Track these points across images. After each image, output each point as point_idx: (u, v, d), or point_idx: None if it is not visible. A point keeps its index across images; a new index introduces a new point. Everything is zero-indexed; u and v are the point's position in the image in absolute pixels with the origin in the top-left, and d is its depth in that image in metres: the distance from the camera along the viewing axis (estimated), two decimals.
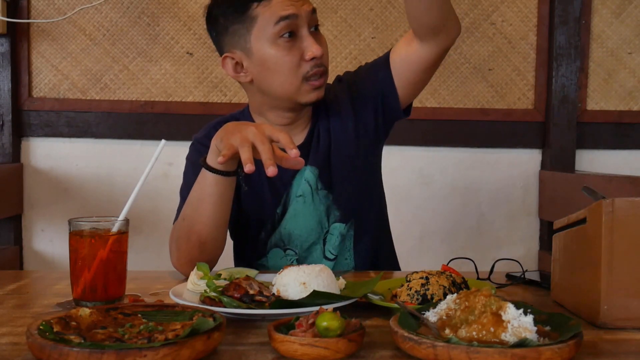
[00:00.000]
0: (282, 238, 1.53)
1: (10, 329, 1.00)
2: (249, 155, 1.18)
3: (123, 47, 2.58)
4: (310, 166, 1.52)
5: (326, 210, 1.53)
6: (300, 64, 1.43)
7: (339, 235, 1.53)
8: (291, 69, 1.43)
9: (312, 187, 1.52)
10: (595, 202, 1.01)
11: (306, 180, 1.52)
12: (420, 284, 1.09)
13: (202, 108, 2.58)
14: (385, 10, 2.58)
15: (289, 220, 1.52)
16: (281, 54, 1.42)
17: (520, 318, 0.85)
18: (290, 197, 1.52)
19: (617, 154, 2.67)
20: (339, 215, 1.54)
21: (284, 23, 1.41)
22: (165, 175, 2.55)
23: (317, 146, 1.54)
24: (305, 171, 1.52)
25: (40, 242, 2.62)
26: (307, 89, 1.45)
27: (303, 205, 1.52)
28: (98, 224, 1.14)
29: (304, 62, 1.43)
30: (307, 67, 1.43)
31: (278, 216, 1.53)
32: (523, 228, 2.67)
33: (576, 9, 2.57)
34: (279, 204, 1.53)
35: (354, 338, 0.86)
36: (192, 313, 0.94)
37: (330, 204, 1.53)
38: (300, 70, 1.43)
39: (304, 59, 1.43)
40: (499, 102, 2.63)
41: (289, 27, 1.41)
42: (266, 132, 1.20)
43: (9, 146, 2.55)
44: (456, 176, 2.58)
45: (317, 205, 1.53)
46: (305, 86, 1.45)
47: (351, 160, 1.54)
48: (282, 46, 1.42)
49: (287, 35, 1.42)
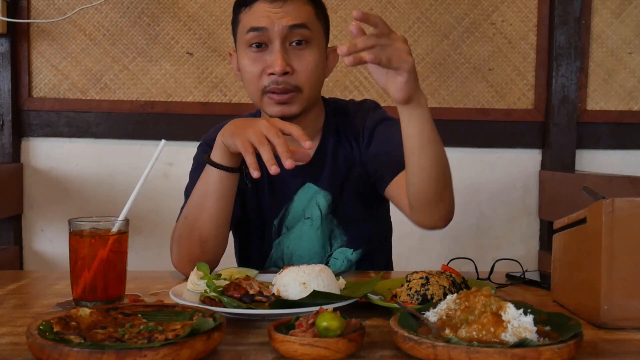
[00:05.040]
0: (283, 257, 1.52)
1: (10, 329, 1.00)
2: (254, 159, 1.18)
3: (123, 47, 2.58)
4: (323, 190, 1.51)
5: (329, 234, 1.52)
6: (261, 76, 1.42)
7: (344, 259, 1.53)
8: (251, 79, 1.43)
9: (322, 212, 1.51)
10: (595, 202, 1.01)
11: (317, 204, 1.51)
12: (420, 284, 1.09)
13: (202, 108, 2.58)
14: (385, 10, 2.58)
15: (293, 240, 1.52)
16: (247, 63, 1.43)
17: (520, 318, 0.85)
18: (290, 213, 1.51)
19: (617, 154, 2.67)
20: (346, 240, 1.53)
21: (253, 34, 1.41)
22: (165, 175, 2.55)
23: (323, 166, 1.52)
24: (317, 195, 1.51)
25: (40, 242, 2.62)
26: (267, 101, 1.43)
27: (310, 228, 1.51)
28: (98, 224, 1.14)
29: (265, 75, 1.41)
30: (266, 81, 1.41)
31: (275, 229, 1.52)
32: (523, 228, 2.67)
33: (576, 9, 2.57)
34: (276, 216, 1.52)
35: (354, 338, 0.86)
36: (192, 313, 0.94)
37: (334, 228, 1.52)
38: (260, 82, 1.42)
39: (265, 72, 1.41)
40: (499, 102, 2.63)
41: (257, 39, 1.41)
42: (277, 125, 1.21)
43: (9, 146, 2.55)
44: (456, 176, 2.55)
45: (323, 229, 1.52)
46: (265, 98, 1.43)
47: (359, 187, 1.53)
48: (250, 55, 1.43)
49: (255, 46, 1.42)
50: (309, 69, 1.42)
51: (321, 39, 1.47)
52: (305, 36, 1.42)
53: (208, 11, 2.57)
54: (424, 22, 2.59)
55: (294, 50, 1.42)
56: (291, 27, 1.40)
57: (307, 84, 1.43)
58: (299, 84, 1.42)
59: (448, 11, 2.59)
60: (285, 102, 1.42)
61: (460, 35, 2.60)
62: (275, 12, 1.40)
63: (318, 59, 1.44)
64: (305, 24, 1.42)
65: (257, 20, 1.40)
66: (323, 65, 1.48)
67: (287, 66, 1.40)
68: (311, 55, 1.43)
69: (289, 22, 1.40)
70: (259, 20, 1.40)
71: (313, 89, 1.45)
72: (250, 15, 1.42)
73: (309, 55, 1.43)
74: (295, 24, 1.40)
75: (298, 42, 1.42)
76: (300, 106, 1.44)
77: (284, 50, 1.40)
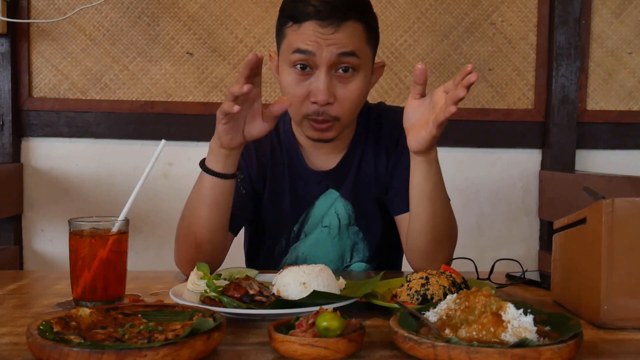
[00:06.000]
0: (298, 262, 1.51)
1: (10, 329, 1.00)
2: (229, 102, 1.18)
3: (123, 47, 2.58)
4: (344, 200, 1.50)
5: (352, 245, 1.52)
6: (304, 101, 1.37)
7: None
8: (293, 102, 1.38)
9: (340, 221, 1.49)
10: (595, 202, 1.01)
11: (336, 213, 1.50)
12: (420, 284, 1.09)
13: (202, 108, 2.58)
14: (385, 11, 2.58)
15: (309, 246, 1.51)
16: (290, 83, 1.38)
17: (520, 318, 0.85)
18: (310, 218, 1.50)
19: (617, 154, 2.67)
20: (367, 257, 1.52)
21: (298, 56, 1.35)
22: (165, 175, 2.55)
23: (347, 175, 1.50)
24: (336, 202, 1.50)
25: (40, 242, 2.62)
26: (307, 125, 1.40)
27: (327, 237, 1.50)
28: (98, 224, 1.14)
29: (307, 101, 1.37)
30: (309, 108, 1.37)
31: (294, 234, 1.51)
32: (523, 228, 2.67)
33: (576, 9, 2.57)
34: (296, 221, 1.51)
35: (354, 338, 0.86)
36: (192, 313, 0.94)
37: (359, 241, 1.51)
38: (302, 106, 1.38)
39: (309, 98, 1.37)
40: (499, 102, 2.63)
41: (302, 61, 1.35)
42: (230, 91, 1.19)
43: (9, 146, 2.55)
44: (456, 176, 2.58)
45: (343, 239, 1.51)
46: (306, 122, 1.40)
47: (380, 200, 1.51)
48: (294, 76, 1.37)
49: (300, 68, 1.36)
50: (351, 99, 1.38)
51: (368, 64, 1.41)
52: (353, 64, 1.36)
53: (208, 11, 2.57)
54: (424, 22, 2.59)
55: (340, 78, 1.36)
56: (340, 55, 1.34)
57: (347, 113, 1.39)
58: (338, 115, 1.38)
59: (448, 11, 2.59)
60: (322, 130, 1.39)
61: (460, 35, 2.60)
62: (326, 38, 1.33)
63: (362, 88, 1.39)
64: (354, 52, 1.35)
65: (304, 42, 1.34)
66: (367, 89, 1.43)
67: (331, 97, 1.35)
68: (356, 84, 1.38)
69: (339, 49, 1.33)
70: (307, 43, 1.33)
71: (352, 116, 1.43)
72: (298, 34, 1.35)
73: (354, 84, 1.38)
74: (344, 52, 1.34)
75: (346, 69, 1.36)
76: (337, 132, 1.41)
77: (329, 78, 1.35)
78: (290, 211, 1.50)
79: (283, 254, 1.52)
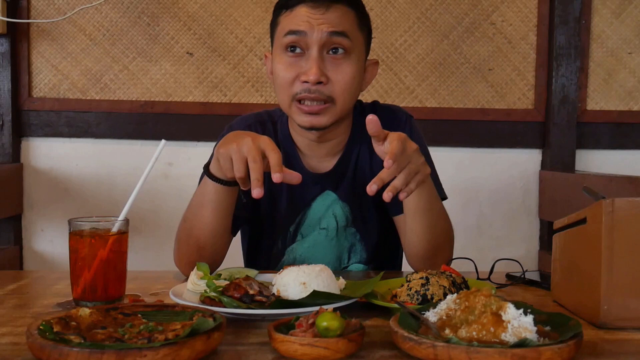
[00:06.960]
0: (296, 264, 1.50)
1: (10, 329, 1.00)
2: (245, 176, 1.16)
3: (123, 47, 2.58)
4: (341, 201, 1.49)
5: (349, 247, 1.51)
6: (294, 82, 1.37)
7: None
8: (283, 85, 1.38)
9: (338, 223, 1.49)
10: (595, 202, 1.01)
11: (334, 215, 1.49)
12: (420, 284, 1.09)
13: (202, 108, 2.58)
14: (385, 10, 2.58)
15: (307, 248, 1.50)
16: (281, 67, 1.38)
17: (520, 318, 0.85)
18: (307, 219, 1.50)
19: (617, 154, 2.67)
20: (365, 258, 1.52)
21: (290, 37, 1.36)
22: (165, 175, 2.55)
23: (344, 176, 1.49)
24: (334, 204, 1.49)
25: (40, 242, 2.62)
26: (296, 110, 1.38)
27: (325, 239, 1.50)
28: (98, 224, 1.14)
29: (297, 81, 1.36)
30: (297, 88, 1.36)
31: (290, 235, 1.51)
32: (523, 228, 2.67)
33: (576, 9, 2.57)
34: (293, 222, 1.50)
35: (354, 338, 0.86)
36: (192, 313, 0.94)
37: (356, 243, 1.51)
38: (291, 88, 1.37)
39: (299, 78, 1.36)
40: (499, 102, 2.63)
41: (294, 42, 1.36)
42: (261, 147, 1.16)
43: (9, 146, 2.55)
44: (456, 176, 2.58)
45: (341, 241, 1.50)
46: (295, 107, 1.38)
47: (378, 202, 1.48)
48: (284, 60, 1.38)
49: (291, 50, 1.37)
50: (344, 80, 1.37)
51: (361, 50, 1.41)
52: (345, 45, 1.36)
53: (208, 11, 2.57)
54: (424, 22, 2.59)
55: (331, 59, 1.36)
56: (331, 34, 1.35)
57: (341, 96, 1.37)
58: (332, 95, 1.37)
59: (448, 11, 2.59)
60: (316, 113, 1.37)
61: (460, 35, 2.60)
62: (316, 18, 1.35)
63: (355, 71, 1.38)
64: (345, 33, 1.36)
65: (296, 23, 1.36)
66: (360, 77, 1.42)
67: (322, 75, 1.35)
68: (349, 67, 1.37)
69: (329, 28, 1.35)
70: (298, 24, 1.35)
71: (347, 102, 1.40)
72: (290, 18, 1.37)
73: (346, 66, 1.37)
74: (335, 31, 1.35)
75: (336, 51, 1.36)
76: (332, 118, 1.39)
77: (320, 58, 1.35)
78: (287, 212, 1.50)
79: (280, 255, 1.52)
